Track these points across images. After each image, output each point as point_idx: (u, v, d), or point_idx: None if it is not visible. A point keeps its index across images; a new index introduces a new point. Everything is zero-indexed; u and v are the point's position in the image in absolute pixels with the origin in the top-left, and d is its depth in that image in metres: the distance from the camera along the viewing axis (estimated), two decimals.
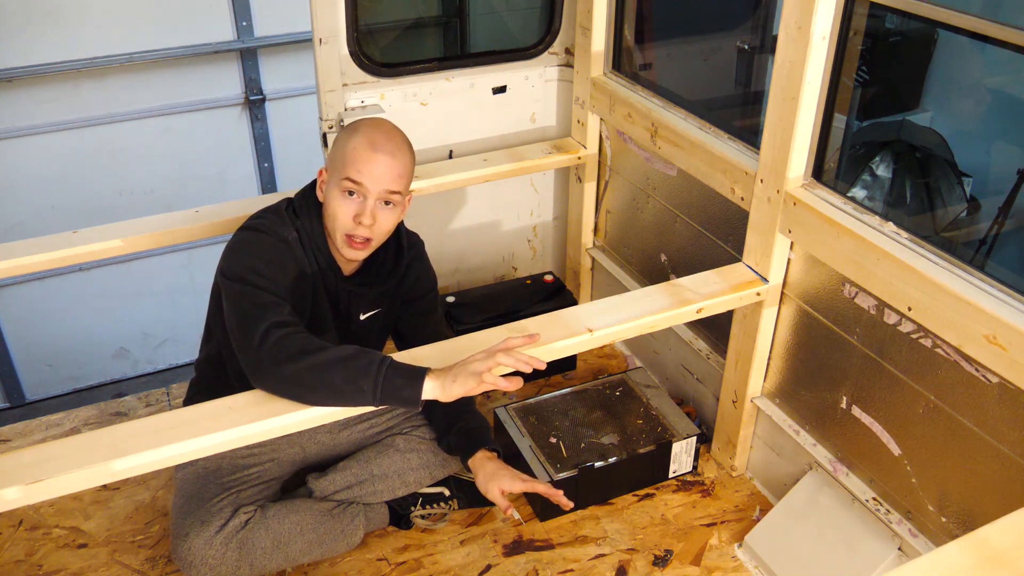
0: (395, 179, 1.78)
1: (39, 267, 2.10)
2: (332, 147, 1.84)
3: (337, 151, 1.80)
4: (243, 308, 1.66)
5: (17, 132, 3.77)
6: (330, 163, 1.83)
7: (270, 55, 4.11)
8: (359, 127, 1.81)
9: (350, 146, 1.77)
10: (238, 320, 1.65)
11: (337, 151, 1.80)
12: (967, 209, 2.70)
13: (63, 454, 1.44)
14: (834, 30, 1.75)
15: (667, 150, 2.31)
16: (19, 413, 4.20)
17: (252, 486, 1.99)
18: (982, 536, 1.15)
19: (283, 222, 1.82)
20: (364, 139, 1.77)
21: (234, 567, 1.88)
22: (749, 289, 2.01)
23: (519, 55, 2.70)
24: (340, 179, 1.76)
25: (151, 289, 4.29)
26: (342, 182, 1.76)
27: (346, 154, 1.76)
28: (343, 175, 1.76)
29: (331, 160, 1.82)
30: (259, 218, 1.84)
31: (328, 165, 1.84)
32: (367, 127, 1.81)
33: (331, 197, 1.79)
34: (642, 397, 2.41)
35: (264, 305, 1.65)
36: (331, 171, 1.81)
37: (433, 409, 2.05)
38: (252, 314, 1.63)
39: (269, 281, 1.70)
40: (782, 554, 2.03)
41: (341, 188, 1.76)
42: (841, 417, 1.99)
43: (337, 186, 1.77)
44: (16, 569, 2.05)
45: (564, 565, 2.08)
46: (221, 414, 1.54)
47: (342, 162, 1.77)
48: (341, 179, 1.76)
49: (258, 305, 1.65)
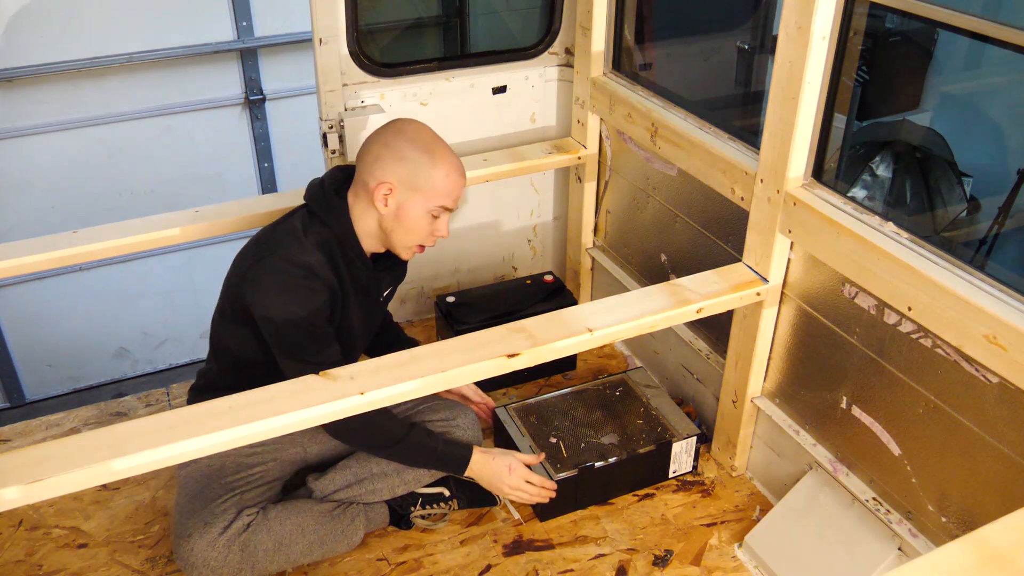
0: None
1: (39, 267, 2.09)
2: (402, 164, 1.85)
3: (419, 174, 1.86)
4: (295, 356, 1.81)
5: (17, 132, 3.77)
6: (405, 183, 1.86)
7: (270, 55, 4.11)
8: (436, 150, 1.88)
9: (441, 173, 1.86)
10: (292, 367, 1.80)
11: (419, 174, 1.86)
12: (967, 209, 2.70)
13: (63, 454, 1.44)
14: (834, 30, 1.75)
15: (667, 150, 2.31)
16: (19, 413, 4.20)
17: (255, 487, 1.99)
18: (982, 536, 1.15)
19: (303, 247, 1.84)
20: (452, 166, 1.89)
21: (236, 569, 1.88)
22: (749, 289, 2.01)
23: (519, 55, 2.70)
24: (434, 205, 1.87)
25: (151, 289, 4.29)
26: (435, 208, 1.88)
27: (437, 182, 1.86)
28: (439, 203, 1.88)
29: (407, 180, 1.86)
30: (277, 248, 1.84)
31: (399, 183, 1.86)
32: (444, 152, 1.89)
33: (413, 215, 1.88)
34: (642, 397, 2.41)
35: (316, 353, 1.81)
36: (409, 192, 1.86)
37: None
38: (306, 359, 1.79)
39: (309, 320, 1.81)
40: (782, 554, 2.03)
41: (432, 212, 1.88)
42: (841, 417, 1.99)
43: (424, 207, 1.87)
44: (16, 569, 2.06)
45: (564, 565, 2.08)
46: (221, 414, 1.54)
47: (432, 189, 1.86)
48: (435, 205, 1.87)
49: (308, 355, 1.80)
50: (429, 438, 2.00)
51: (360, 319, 2.00)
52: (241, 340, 1.93)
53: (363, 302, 2.00)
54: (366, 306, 2.02)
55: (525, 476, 2.07)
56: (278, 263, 1.81)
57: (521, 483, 2.06)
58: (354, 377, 1.64)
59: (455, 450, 2.03)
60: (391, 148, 1.87)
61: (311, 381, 1.63)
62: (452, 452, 2.02)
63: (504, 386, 2.64)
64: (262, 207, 2.29)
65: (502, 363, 1.72)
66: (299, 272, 1.81)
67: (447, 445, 2.02)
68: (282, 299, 1.79)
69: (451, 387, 1.82)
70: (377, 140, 1.90)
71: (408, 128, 1.91)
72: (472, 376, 1.71)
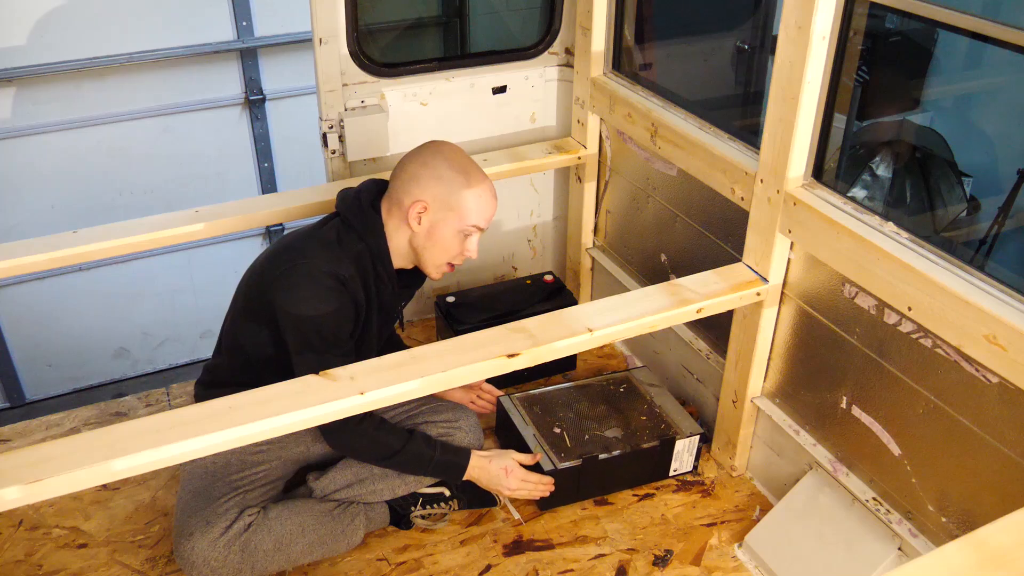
0: None
1: (39, 267, 2.09)
2: (438, 184, 1.88)
3: (453, 193, 1.88)
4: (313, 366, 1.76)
5: (17, 132, 3.76)
6: (440, 203, 1.88)
7: (270, 55, 4.11)
8: (470, 172, 1.91)
9: (474, 194, 1.89)
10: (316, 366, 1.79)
11: (453, 193, 1.88)
12: (967, 209, 2.70)
13: (63, 454, 1.44)
14: (834, 30, 1.75)
15: (667, 150, 2.31)
16: (19, 413, 4.20)
17: (259, 487, 2.00)
18: (982, 536, 1.15)
19: (339, 259, 1.85)
20: (487, 188, 1.92)
21: (236, 569, 1.89)
22: (749, 289, 2.01)
23: (519, 55, 2.70)
24: (466, 224, 1.90)
25: (151, 289, 4.29)
26: (468, 227, 1.90)
27: (469, 203, 1.89)
28: (471, 223, 1.90)
29: (442, 199, 1.88)
30: (315, 257, 1.85)
31: (434, 202, 1.88)
32: (477, 173, 1.92)
33: (446, 235, 1.90)
34: (646, 395, 2.41)
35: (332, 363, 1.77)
36: (444, 212, 1.89)
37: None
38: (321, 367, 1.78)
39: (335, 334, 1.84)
40: (782, 554, 2.03)
41: (464, 232, 1.91)
42: (841, 417, 1.99)
43: (457, 227, 1.90)
44: (16, 569, 2.05)
45: (564, 565, 2.08)
46: (221, 414, 1.54)
47: (465, 210, 1.89)
48: (468, 225, 1.90)
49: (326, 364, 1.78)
50: (427, 447, 2.02)
51: (377, 333, 2.03)
52: (258, 340, 1.94)
53: (382, 317, 2.02)
54: (384, 320, 2.05)
55: (522, 476, 2.09)
56: (314, 271, 1.83)
57: (519, 483, 2.09)
58: (354, 377, 1.64)
59: (453, 457, 2.05)
60: (428, 167, 1.89)
61: (311, 381, 1.63)
62: (450, 459, 2.04)
63: (504, 386, 2.64)
64: (262, 207, 2.29)
65: (502, 363, 1.72)
66: (332, 282, 1.83)
67: (445, 452, 2.04)
68: (314, 303, 1.82)
69: (451, 387, 1.81)
70: (414, 159, 1.92)
71: (445, 149, 1.94)
72: (472, 376, 1.72)
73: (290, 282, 1.83)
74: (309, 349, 1.83)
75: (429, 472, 2.06)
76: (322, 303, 1.82)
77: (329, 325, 1.83)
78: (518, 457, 2.11)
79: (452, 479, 2.09)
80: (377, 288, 1.95)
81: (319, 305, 1.82)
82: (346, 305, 1.85)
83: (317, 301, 1.82)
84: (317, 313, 1.81)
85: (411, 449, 1.98)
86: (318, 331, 1.83)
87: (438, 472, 2.06)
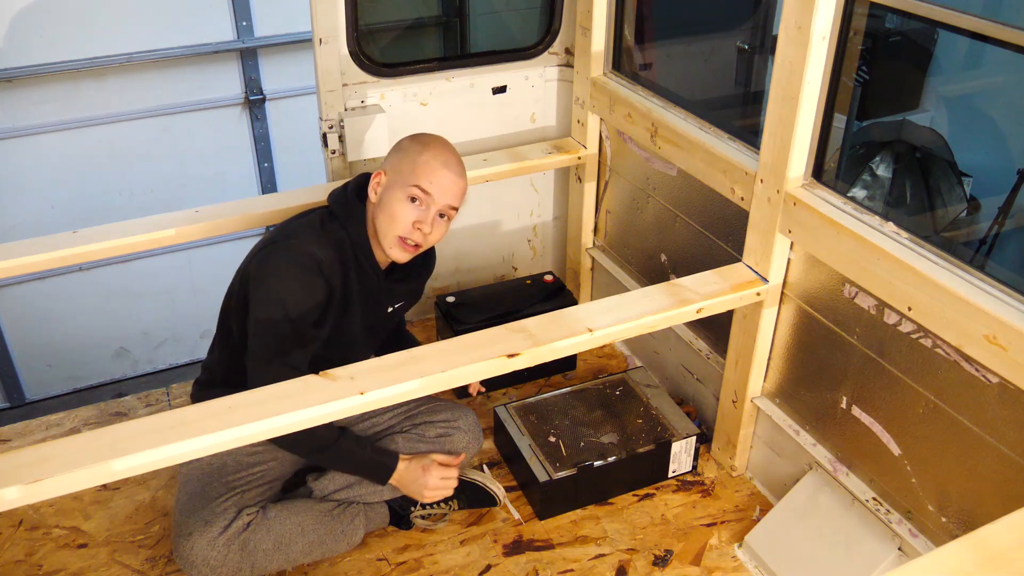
0: (458, 196, 1.91)
1: (39, 267, 2.09)
2: (397, 153, 1.91)
3: (405, 159, 1.88)
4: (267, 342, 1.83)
5: (17, 132, 3.76)
6: (393, 168, 1.89)
7: (270, 55, 4.11)
8: (430, 142, 1.91)
9: (423, 158, 1.87)
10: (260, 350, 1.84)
11: (405, 159, 1.88)
12: (967, 209, 2.70)
13: (63, 454, 1.44)
14: (834, 30, 1.75)
15: (667, 150, 2.31)
16: (19, 413, 4.19)
17: (256, 486, 2.00)
18: (982, 536, 1.15)
19: (319, 241, 1.85)
20: (437, 154, 1.88)
21: (235, 568, 1.89)
22: (749, 289, 2.01)
23: (519, 55, 2.70)
24: (408, 185, 1.85)
25: (151, 289, 4.29)
26: (409, 188, 1.85)
27: (418, 164, 1.86)
28: (412, 182, 1.85)
29: (395, 166, 1.89)
30: (291, 236, 1.86)
31: (390, 169, 1.90)
32: (438, 144, 1.92)
33: (392, 200, 1.86)
34: (642, 397, 2.41)
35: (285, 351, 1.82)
36: (395, 175, 1.88)
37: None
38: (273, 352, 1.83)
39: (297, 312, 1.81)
40: (782, 554, 2.03)
41: (407, 194, 1.86)
42: (841, 417, 1.99)
43: (402, 191, 1.86)
44: (16, 569, 2.05)
45: (564, 565, 2.08)
46: (221, 414, 1.54)
47: (412, 171, 1.86)
48: (409, 185, 1.85)
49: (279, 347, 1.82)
50: (358, 446, 1.99)
51: (362, 327, 2.00)
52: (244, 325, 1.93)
53: (369, 310, 2.00)
54: (372, 315, 2.02)
55: (441, 474, 2.06)
56: (290, 249, 1.83)
57: (438, 481, 2.05)
58: (354, 377, 1.64)
59: (382, 458, 2.02)
60: (398, 146, 1.93)
61: (311, 381, 1.63)
62: (379, 460, 2.02)
63: (504, 386, 2.64)
64: (262, 207, 2.29)
65: (502, 363, 1.72)
66: (307, 262, 1.82)
67: (375, 453, 2.02)
68: (280, 286, 1.80)
69: (451, 387, 1.81)
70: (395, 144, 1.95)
71: (423, 134, 1.95)
72: (472, 376, 1.71)
73: (266, 259, 1.84)
74: (263, 344, 1.83)
75: (358, 471, 2.03)
76: (288, 292, 1.80)
77: (289, 319, 1.80)
78: (439, 458, 2.08)
79: (378, 480, 2.05)
80: (359, 277, 1.93)
81: (285, 296, 1.80)
82: (316, 286, 1.83)
83: (284, 289, 1.80)
84: (282, 306, 1.80)
85: (343, 446, 1.95)
86: (277, 324, 1.80)
87: (366, 471, 2.03)
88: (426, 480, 2.03)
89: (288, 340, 1.82)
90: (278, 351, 1.82)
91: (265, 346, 1.83)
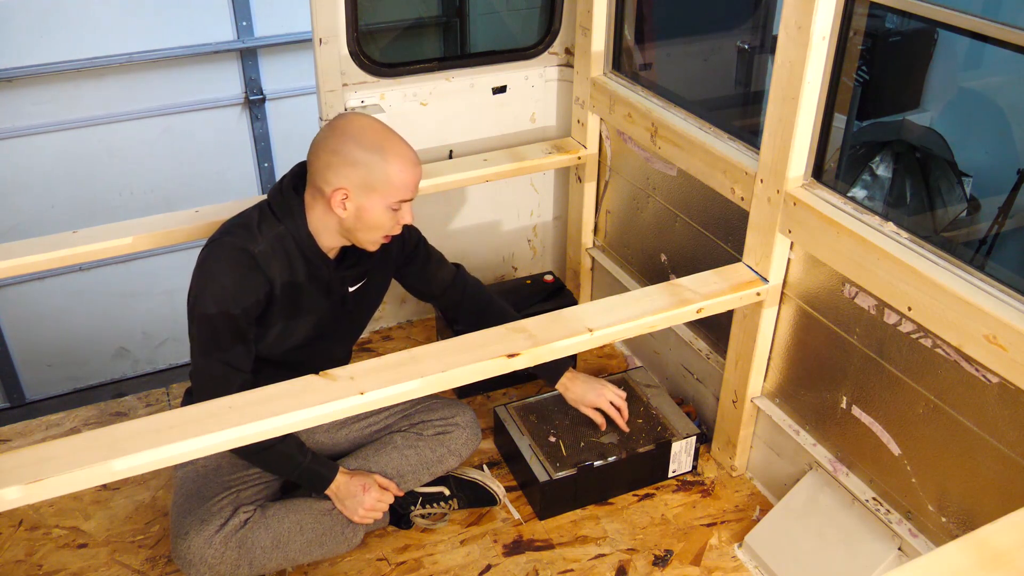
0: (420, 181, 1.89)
1: (39, 267, 2.10)
2: (353, 167, 1.76)
3: (373, 174, 1.77)
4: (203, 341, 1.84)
5: (17, 132, 3.76)
6: (360, 185, 1.78)
7: (270, 55, 4.11)
8: (385, 146, 1.78)
9: (395, 169, 1.78)
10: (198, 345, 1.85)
11: (373, 174, 1.77)
12: (967, 209, 2.70)
13: (63, 454, 1.44)
14: (834, 30, 1.75)
15: (667, 150, 2.31)
16: (19, 413, 4.20)
17: (252, 485, 2.00)
18: (982, 536, 1.15)
19: (253, 237, 1.83)
20: (405, 159, 1.80)
21: (233, 566, 1.88)
22: (749, 289, 2.01)
23: (519, 55, 2.70)
24: (392, 200, 1.81)
25: (151, 289, 4.29)
26: (395, 203, 1.82)
27: (393, 179, 1.79)
28: (398, 198, 1.81)
29: (361, 181, 1.78)
30: (227, 233, 1.84)
31: (353, 187, 1.78)
32: (393, 145, 1.80)
33: (372, 213, 1.81)
34: (642, 397, 2.41)
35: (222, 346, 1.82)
36: (364, 191, 1.78)
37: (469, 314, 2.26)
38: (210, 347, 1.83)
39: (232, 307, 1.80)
40: (782, 554, 2.03)
41: (390, 207, 1.82)
42: (841, 417, 1.99)
43: (382, 203, 1.81)
44: (16, 569, 2.05)
45: (564, 565, 2.08)
46: (221, 414, 1.54)
47: (389, 186, 1.79)
48: (395, 201, 1.81)
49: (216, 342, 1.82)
50: (299, 451, 1.95)
51: (319, 316, 1.96)
52: None
53: (324, 298, 1.95)
54: (328, 303, 1.97)
55: (378, 496, 2.01)
56: (224, 246, 1.81)
57: (373, 503, 2.00)
58: (354, 377, 1.64)
59: (320, 468, 1.98)
60: (339, 154, 1.78)
61: (311, 381, 1.63)
62: (317, 469, 1.97)
63: (504, 386, 2.64)
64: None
65: (502, 363, 1.72)
66: (241, 260, 1.80)
67: (314, 461, 1.97)
68: (213, 282, 1.79)
69: (451, 387, 1.80)
70: (324, 146, 1.80)
71: (351, 127, 1.80)
72: (472, 376, 1.72)
73: (202, 260, 1.84)
74: (202, 342, 1.83)
75: (295, 477, 1.98)
76: (222, 289, 1.79)
77: (225, 315, 1.79)
78: (380, 481, 2.04)
79: (315, 489, 2.00)
80: (308, 268, 1.89)
81: (219, 292, 1.79)
82: (251, 280, 1.81)
83: (218, 286, 1.79)
84: (217, 303, 1.78)
85: (281, 449, 1.91)
86: (213, 321, 1.79)
87: (303, 479, 1.98)
88: (363, 499, 1.99)
89: (224, 335, 1.81)
90: (215, 345, 1.81)
91: (202, 341, 1.83)
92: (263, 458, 1.95)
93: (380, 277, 2.11)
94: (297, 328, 1.93)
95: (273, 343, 1.91)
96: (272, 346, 1.92)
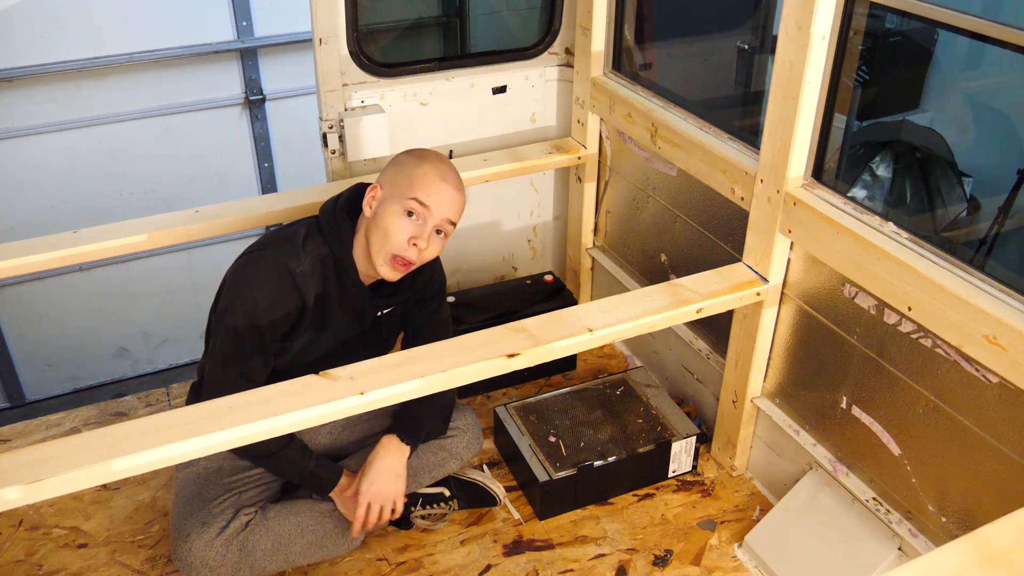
0: (456, 211, 1.86)
1: (39, 267, 2.09)
2: (394, 167, 1.86)
3: (402, 172, 1.83)
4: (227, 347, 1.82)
5: (17, 132, 3.76)
6: (390, 182, 1.84)
7: (270, 55, 4.11)
8: (427, 156, 1.86)
9: (420, 171, 1.82)
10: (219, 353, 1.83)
11: (402, 172, 1.83)
12: (967, 209, 2.70)
13: (63, 454, 1.44)
14: (834, 30, 1.75)
15: (667, 150, 2.31)
16: (19, 413, 4.20)
17: (254, 487, 2.00)
18: (982, 536, 1.15)
19: (295, 252, 1.83)
20: (435, 168, 1.83)
21: (234, 569, 1.88)
22: (749, 289, 2.01)
23: (519, 55, 2.70)
24: (405, 198, 1.80)
25: (151, 289, 4.29)
26: (407, 201, 1.80)
27: (415, 177, 1.81)
28: (410, 195, 1.80)
29: (392, 179, 1.84)
30: (270, 246, 1.84)
31: (387, 183, 1.85)
32: (436, 158, 1.87)
33: (388, 214, 1.81)
34: (642, 397, 2.41)
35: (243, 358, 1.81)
36: (391, 189, 1.83)
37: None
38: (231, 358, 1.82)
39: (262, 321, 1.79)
40: (782, 554, 2.03)
41: (404, 207, 1.80)
42: (841, 417, 1.99)
43: (399, 204, 1.80)
44: (16, 569, 2.06)
45: (564, 565, 2.08)
46: (221, 414, 1.54)
47: (409, 183, 1.81)
48: (407, 198, 1.80)
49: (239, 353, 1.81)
50: (302, 456, 1.95)
51: (346, 334, 1.97)
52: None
53: (353, 320, 1.96)
54: (356, 324, 1.97)
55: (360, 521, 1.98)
56: (265, 260, 1.81)
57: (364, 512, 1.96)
58: (354, 377, 1.64)
59: (324, 472, 1.98)
60: (395, 159, 1.88)
61: (311, 381, 1.63)
62: (321, 473, 1.98)
63: (504, 386, 2.64)
64: (262, 207, 2.29)
65: (502, 363, 1.72)
66: (280, 277, 1.80)
67: (319, 465, 1.97)
68: (249, 294, 1.79)
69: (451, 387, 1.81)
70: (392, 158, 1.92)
71: (422, 148, 1.91)
72: (472, 376, 1.72)
73: (240, 268, 1.84)
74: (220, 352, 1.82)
75: (300, 480, 1.98)
76: (261, 289, 1.78)
77: (251, 328, 1.79)
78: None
79: (319, 493, 2.00)
80: (341, 293, 1.90)
81: (251, 305, 1.78)
82: (286, 298, 1.81)
83: (250, 299, 1.78)
84: (246, 314, 1.78)
85: (287, 454, 1.92)
86: (237, 332, 1.79)
87: (309, 483, 1.98)
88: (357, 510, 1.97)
89: (248, 347, 1.81)
90: (237, 356, 1.81)
91: (225, 350, 1.82)
92: (268, 463, 1.96)
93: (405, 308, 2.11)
94: (322, 343, 1.94)
95: (295, 356, 1.92)
96: (294, 359, 1.92)
